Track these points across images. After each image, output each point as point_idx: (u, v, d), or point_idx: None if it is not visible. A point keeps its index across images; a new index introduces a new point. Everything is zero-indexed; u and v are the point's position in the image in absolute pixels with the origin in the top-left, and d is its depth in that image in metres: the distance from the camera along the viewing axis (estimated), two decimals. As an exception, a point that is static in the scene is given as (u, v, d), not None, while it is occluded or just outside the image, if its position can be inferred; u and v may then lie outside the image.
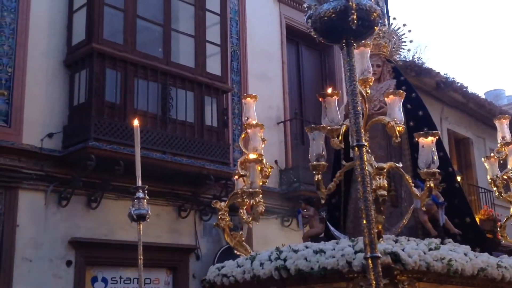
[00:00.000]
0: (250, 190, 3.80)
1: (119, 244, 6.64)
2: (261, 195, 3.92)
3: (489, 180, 4.72)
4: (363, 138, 3.41)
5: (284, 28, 9.46)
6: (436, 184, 4.35)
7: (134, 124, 4.17)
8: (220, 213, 4.10)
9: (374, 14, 1.95)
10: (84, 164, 6.24)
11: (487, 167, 4.76)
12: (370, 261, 2.06)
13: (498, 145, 4.74)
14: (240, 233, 4.20)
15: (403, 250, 3.25)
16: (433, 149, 3.44)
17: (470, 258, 3.57)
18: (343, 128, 3.57)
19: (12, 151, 6.10)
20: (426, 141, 3.45)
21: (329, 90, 3.59)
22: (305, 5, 2.13)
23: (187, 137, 7.19)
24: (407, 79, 5.35)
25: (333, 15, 1.92)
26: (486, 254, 3.89)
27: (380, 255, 2.10)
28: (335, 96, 3.57)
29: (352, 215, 4.90)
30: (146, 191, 4.11)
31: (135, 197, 4.10)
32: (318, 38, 2.03)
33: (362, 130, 1.95)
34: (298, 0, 9.66)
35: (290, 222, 8.54)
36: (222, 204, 4.16)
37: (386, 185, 3.38)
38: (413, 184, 3.61)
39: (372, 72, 3.70)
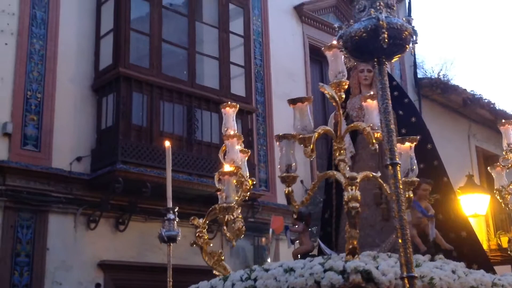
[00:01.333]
0: (225, 205, 3.54)
1: (147, 266, 6.65)
2: (238, 210, 3.73)
3: (495, 191, 4.41)
4: (342, 147, 3.33)
5: (307, 48, 9.50)
6: (426, 195, 4.21)
7: (166, 145, 4.23)
8: (198, 230, 3.87)
9: (406, 32, 1.95)
10: (112, 187, 6.31)
11: (494, 176, 4.43)
12: (406, 281, 2.04)
13: (504, 152, 4.41)
14: (219, 251, 4.00)
15: (377, 267, 3.03)
16: (412, 156, 3.21)
17: (459, 276, 3.32)
18: (315, 136, 3.28)
19: (42, 175, 6.19)
20: (404, 147, 3.20)
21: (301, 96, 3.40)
22: (336, 25, 2.14)
23: (212, 158, 7.21)
24: (399, 84, 5.18)
25: (364, 34, 1.92)
26: (481, 271, 3.62)
27: (415, 274, 2.07)
28: (306, 102, 3.33)
29: (344, 231, 4.72)
30: (176, 213, 4.13)
31: (165, 218, 4.11)
32: (349, 57, 2.04)
33: (395, 148, 1.94)
34: (321, 20, 9.71)
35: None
36: (200, 220, 3.91)
37: (359, 197, 3.14)
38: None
39: (346, 75, 3.45)
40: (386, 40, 1.91)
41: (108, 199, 6.44)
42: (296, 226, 4.77)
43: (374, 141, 3.24)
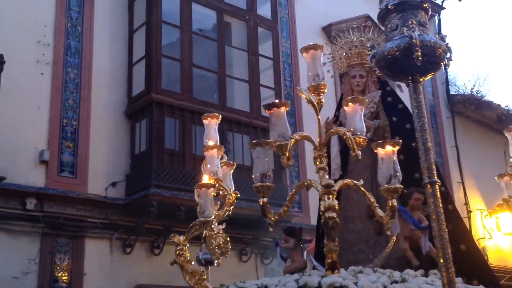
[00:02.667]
0: (202, 219, 3.30)
1: (182, 290, 6.65)
2: (220, 226, 3.54)
3: (501, 201, 4.10)
4: (323, 155, 3.10)
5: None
6: (418, 205, 3.97)
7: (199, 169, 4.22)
8: (178, 248, 3.61)
9: (440, 50, 1.94)
10: (146, 211, 6.37)
11: (503, 186, 4.07)
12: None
13: (511, 160, 4.08)
14: (201, 270, 3.75)
15: (356, 283, 2.89)
16: (395, 161, 2.94)
17: None
18: (291, 143, 3.05)
19: (78, 201, 6.30)
20: (386, 152, 2.91)
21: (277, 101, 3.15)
22: (368, 45, 2.15)
23: (245, 180, 7.22)
24: (393, 90, 4.97)
25: (397, 53, 1.93)
26: (480, 287, 3.46)
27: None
28: (283, 107, 3.11)
29: (339, 247, 4.52)
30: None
31: (202, 241, 4.10)
32: (383, 76, 2.03)
33: (433, 166, 1.91)
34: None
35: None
36: (181, 238, 3.63)
37: (337, 206, 2.93)
38: (377, 206, 3.04)
39: (325, 78, 3.20)
40: (420, 58, 1.91)
41: (143, 223, 6.49)
42: (287, 243, 4.53)
43: (355, 147, 2.98)
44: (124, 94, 7.10)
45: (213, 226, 3.45)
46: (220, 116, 3.93)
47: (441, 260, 1.98)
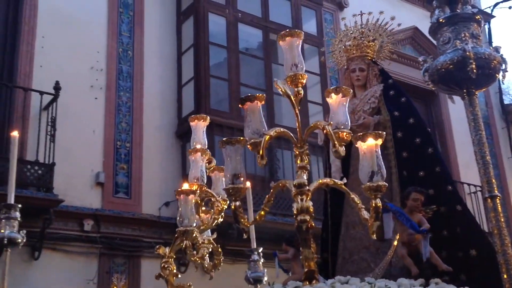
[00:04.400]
0: (181, 228, 3.02)
1: (237, 308, 6.65)
2: (213, 236, 3.33)
3: None
4: (304, 152, 2.77)
5: (385, 81, 9.40)
6: (417, 206, 3.64)
7: (246, 186, 4.23)
8: (163, 260, 3.37)
9: (494, 61, 1.91)
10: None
11: None
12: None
13: None
14: (188, 284, 3.55)
15: None
16: (378, 155, 2.58)
17: None
18: (265, 140, 2.72)
19: (133, 222, 6.43)
20: (368, 146, 2.55)
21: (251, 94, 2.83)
22: (420, 59, 2.12)
23: (287, 196, 7.20)
24: (396, 82, 4.63)
25: (451, 66, 1.90)
26: None
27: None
28: (257, 101, 2.79)
29: (341, 256, 4.17)
30: (261, 253, 4.11)
31: (250, 259, 4.10)
32: (437, 90, 2.01)
33: (492, 180, 1.86)
34: (398, 53, 9.59)
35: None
36: (167, 249, 3.39)
37: (311, 208, 2.60)
38: (363, 207, 2.67)
39: (304, 67, 2.89)
40: (475, 70, 1.88)
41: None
42: (286, 253, 4.27)
43: (336, 142, 2.65)
44: (174, 115, 7.24)
45: (196, 235, 3.23)
46: (209, 118, 3.65)
47: (505, 276, 1.92)
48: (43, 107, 6.15)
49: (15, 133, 3.44)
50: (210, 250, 3.58)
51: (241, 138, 2.72)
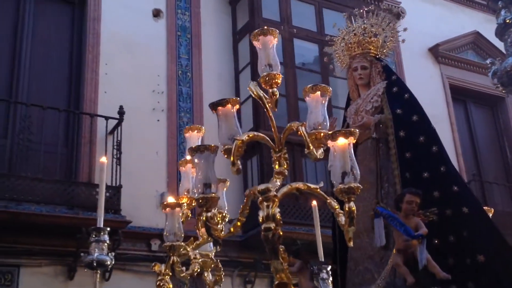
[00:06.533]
0: (168, 243, 2.88)
1: (304, 325, 6.58)
2: (210, 250, 3.19)
3: None
4: (282, 156, 2.53)
5: (448, 89, 9.16)
6: (413, 208, 3.40)
7: (312, 204, 4.21)
8: (158, 278, 3.20)
9: None
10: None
11: None
12: None
13: None
14: None
15: None
16: (350, 154, 2.33)
17: None
18: (237, 144, 2.53)
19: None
20: (340, 145, 2.32)
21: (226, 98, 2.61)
22: (487, 61, 2.03)
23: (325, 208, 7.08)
24: (400, 78, 4.34)
25: (520, 67, 1.82)
26: None
27: None
28: (229, 105, 2.57)
29: (348, 267, 4.00)
30: (329, 271, 4.06)
31: (319, 278, 4.06)
32: (507, 93, 1.92)
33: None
34: (459, 58, 9.34)
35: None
36: (163, 266, 3.22)
37: (279, 216, 2.37)
38: (341, 212, 2.38)
39: (279, 68, 2.61)
40: (544, 71, 1.79)
41: (261, 259, 6.55)
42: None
43: (310, 145, 2.45)
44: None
45: (188, 250, 3.12)
46: (204, 129, 3.51)
47: None
48: (108, 132, 6.36)
49: (103, 159, 3.44)
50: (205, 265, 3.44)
51: (212, 145, 2.56)
